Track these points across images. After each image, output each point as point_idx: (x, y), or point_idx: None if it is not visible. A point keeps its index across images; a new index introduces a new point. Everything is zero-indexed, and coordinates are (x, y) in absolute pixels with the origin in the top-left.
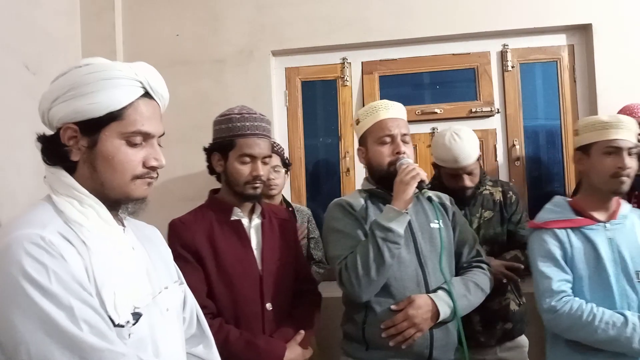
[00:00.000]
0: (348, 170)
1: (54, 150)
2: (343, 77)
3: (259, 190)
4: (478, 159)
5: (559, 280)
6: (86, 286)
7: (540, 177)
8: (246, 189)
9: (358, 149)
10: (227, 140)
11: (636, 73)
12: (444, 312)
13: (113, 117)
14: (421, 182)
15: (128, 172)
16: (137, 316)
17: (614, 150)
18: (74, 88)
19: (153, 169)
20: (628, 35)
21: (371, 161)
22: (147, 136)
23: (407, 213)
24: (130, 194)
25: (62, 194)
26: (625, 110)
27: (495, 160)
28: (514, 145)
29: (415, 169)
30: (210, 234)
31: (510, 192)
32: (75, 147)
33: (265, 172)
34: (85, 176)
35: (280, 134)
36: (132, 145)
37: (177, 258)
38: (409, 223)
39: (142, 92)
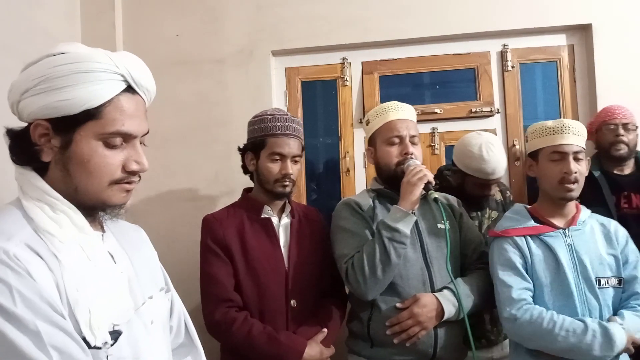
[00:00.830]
0: (348, 170)
1: (23, 148)
2: (343, 77)
3: (288, 189)
4: None
5: (519, 288)
6: (57, 306)
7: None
8: (276, 187)
9: (367, 149)
10: (259, 139)
11: (636, 73)
12: (449, 311)
13: (89, 115)
14: (428, 183)
15: (105, 176)
16: (116, 334)
17: (559, 155)
18: (45, 81)
19: (134, 173)
20: (628, 35)
21: (379, 161)
22: (128, 137)
23: (413, 214)
24: (106, 201)
25: (32, 198)
26: (607, 112)
27: None
28: (514, 145)
29: (422, 171)
30: (240, 230)
31: (508, 192)
32: (47, 146)
33: (295, 170)
34: (57, 179)
35: None
36: (111, 146)
37: (208, 252)
38: (416, 223)
39: (123, 86)
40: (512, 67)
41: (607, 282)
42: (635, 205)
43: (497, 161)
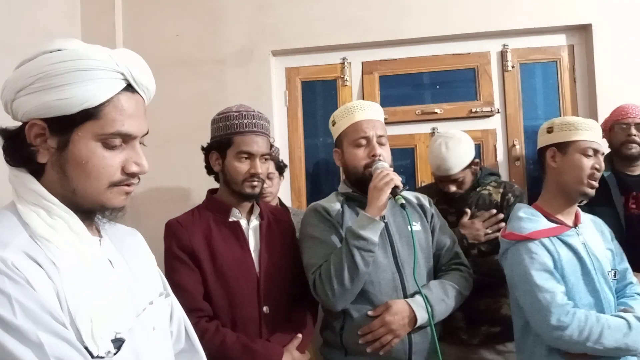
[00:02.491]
0: None
1: (17, 149)
2: (343, 77)
3: (257, 189)
4: (471, 166)
5: (561, 292)
6: (58, 316)
7: (540, 177)
8: (244, 188)
9: (334, 151)
10: (225, 138)
11: (636, 73)
12: (422, 317)
13: (88, 115)
14: (395, 187)
15: (104, 178)
16: (119, 343)
17: (593, 152)
18: (42, 79)
19: (133, 175)
20: (628, 35)
21: (347, 164)
22: (127, 138)
23: (382, 219)
24: (105, 204)
25: (27, 202)
26: (620, 111)
27: (496, 160)
28: (514, 145)
29: (389, 175)
30: (207, 235)
31: (510, 194)
32: (43, 147)
33: (264, 170)
34: (53, 181)
35: (280, 134)
36: (110, 147)
37: (174, 259)
38: (386, 226)
39: (123, 85)
40: (512, 67)
41: (614, 275)
42: None
43: (442, 159)
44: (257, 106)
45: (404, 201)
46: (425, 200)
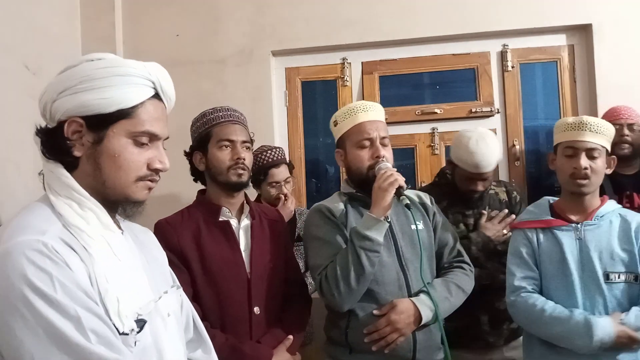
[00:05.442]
0: None
1: (55, 143)
2: (343, 77)
3: (244, 178)
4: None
5: (520, 277)
6: (91, 294)
7: (540, 177)
8: (230, 176)
9: (336, 151)
10: (204, 133)
11: (636, 73)
12: (426, 315)
13: (123, 114)
14: (399, 188)
15: (132, 172)
16: (141, 323)
17: (572, 151)
18: (86, 81)
19: (157, 171)
20: (628, 35)
21: (350, 165)
22: (154, 137)
23: (386, 219)
24: (130, 196)
25: (61, 195)
26: (612, 113)
27: None
28: (514, 145)
29: (393, 175)
30: (196, 235)
31: (515, 192)
32: (79, 142)
33: (248, 158)
34: (86, 173)
35: (280, 134)
36: (139, 145)
37: None
38: (390, 226)
39: (152, 92)
40: (512, 67)
41: (618, 277)
42: (637, 205)
43: (482, 155)
44: (257, 106)
45: (408, 201)
46: (427, 198)
